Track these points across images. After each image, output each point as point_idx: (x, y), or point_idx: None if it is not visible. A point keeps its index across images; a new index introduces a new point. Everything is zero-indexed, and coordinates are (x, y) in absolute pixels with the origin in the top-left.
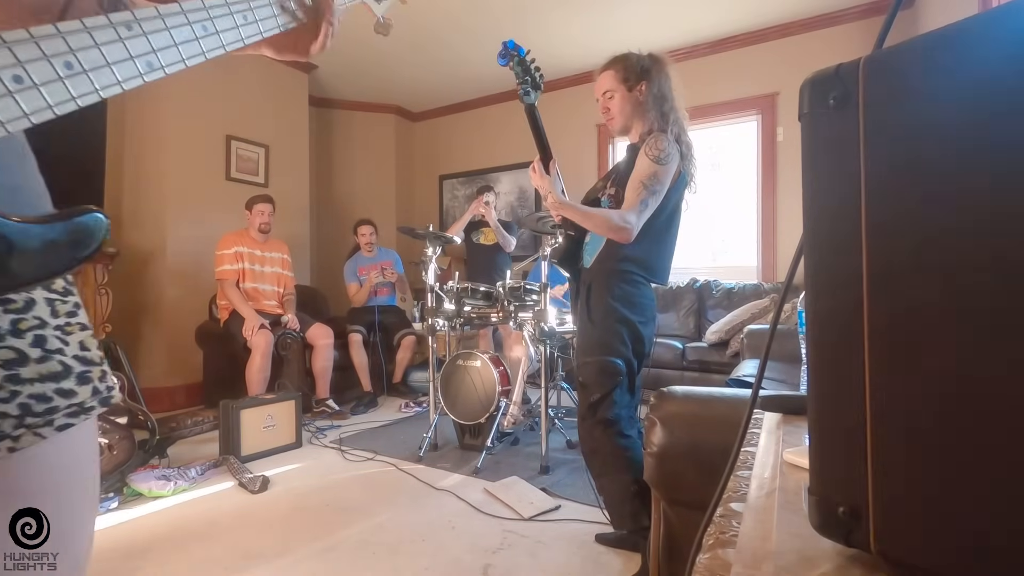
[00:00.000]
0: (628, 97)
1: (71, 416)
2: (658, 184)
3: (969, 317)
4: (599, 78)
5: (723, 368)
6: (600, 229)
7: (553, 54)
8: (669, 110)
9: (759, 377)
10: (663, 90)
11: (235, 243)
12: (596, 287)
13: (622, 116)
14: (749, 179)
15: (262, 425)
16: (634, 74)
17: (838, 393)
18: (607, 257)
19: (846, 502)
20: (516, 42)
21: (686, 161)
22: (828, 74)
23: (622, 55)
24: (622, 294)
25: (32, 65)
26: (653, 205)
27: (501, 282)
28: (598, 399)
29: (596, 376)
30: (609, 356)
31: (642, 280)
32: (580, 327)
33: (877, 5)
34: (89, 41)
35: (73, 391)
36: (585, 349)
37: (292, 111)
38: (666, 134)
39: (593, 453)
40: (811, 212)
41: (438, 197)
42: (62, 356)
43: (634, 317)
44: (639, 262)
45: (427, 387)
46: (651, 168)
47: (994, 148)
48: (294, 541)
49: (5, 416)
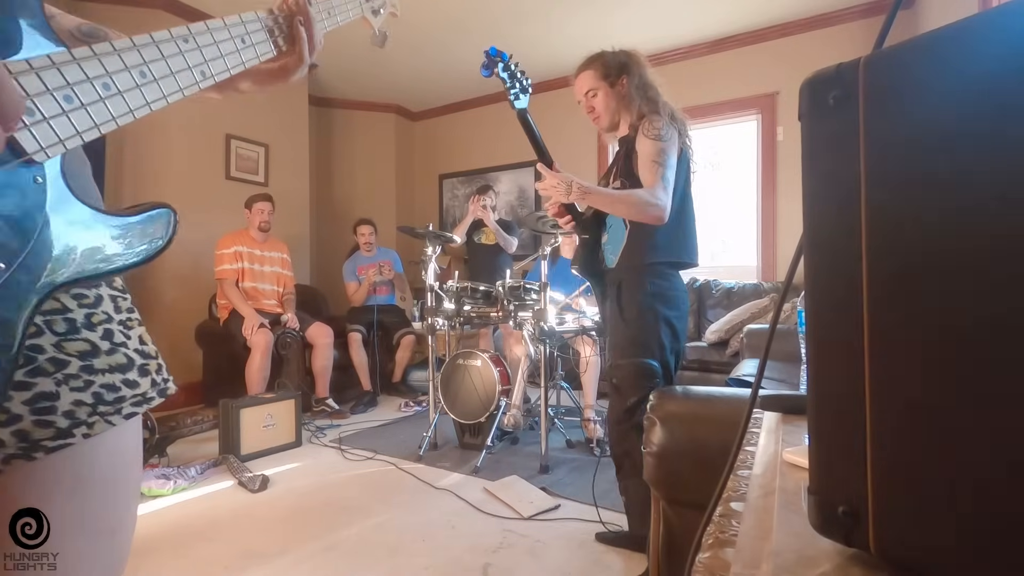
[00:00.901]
0: (611, 92)
1: (136, 405)
2: (669, 158)
3: (970, 317)
4: (577, 80)
5: (723, 368)
6: (632, 211)
7: (552, 54)
8: (655, 95)
9: (759, 377)
10: (644, 79)
11: (235, 242)
12: (627, 285)
13: (608, 112)
14: (749, 179)
15: (262, 424)
16: (614, 69)
17: (838, 393)
18: (633, 253)
19: (846, 502)
20: (497, 48)
21: (684, 137)
22: (828, 74)
23: (596, 54)
24: (656, 290)
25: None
26: (672, 180)
27: (501, 281)
28: (635, 403)
29: (632, 379)
30: (645, 357)
31: (672, 272)
32: (612, 327)
33: (877, 5)
34: None
35: (136, 382)
36: (619, 350)
37: (292, 110)
38: (658, 114)
39: (626, 455)
40: (811, 212)
41: (438, 196)
42: (126, 349)
43: (671, 313)
44: (667, 250)
45: (427, 386)
46: (656, 145)
47: (995, 148)
48: (294, 540)
49: (81, 404)
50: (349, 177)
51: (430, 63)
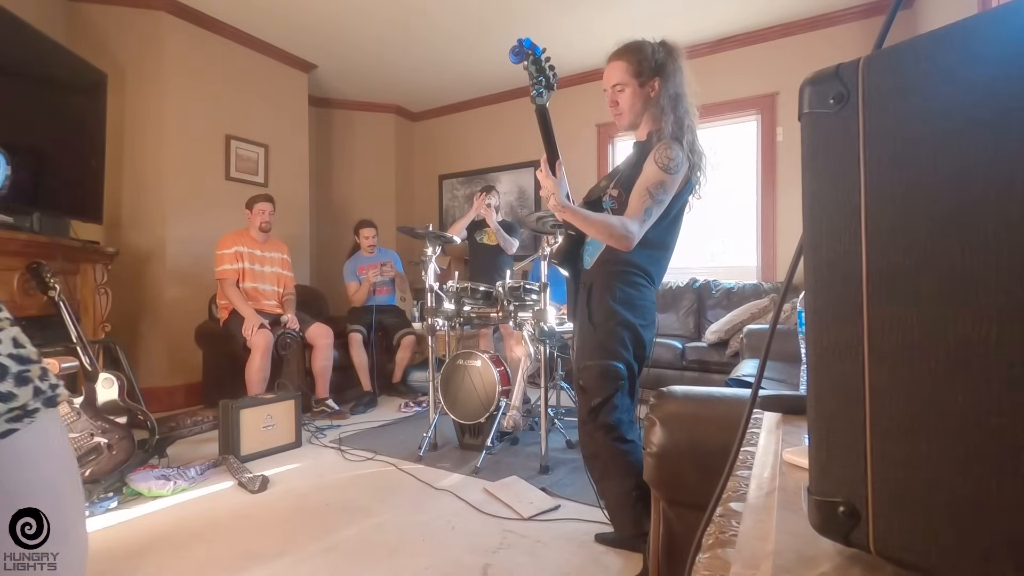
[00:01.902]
0: (639, 93)
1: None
2: (664, 194)
3: (970, 316)
4: (609, 67)
5: (723, 368)
6: (601, 236)
7: (550, 54)
8: (684, 114)
9: (759, 377)
10: (678, 89)
11: (235, 243)
12: (597, 289)
13: (631, 112)
14: (749, 179)
15: (262, 425)
16: (648, 68)
17: (838, 393)
18: (608, 259)
19: (846, 502)
20: (532, 40)
21: (695, 171)
22: (828, 74)
23: (636, 44)
24: (624, 297)
25: None
26: (656, 214)
27: (501, 282)
28: (599, 403)
29: (597, 380)
30: (610, 360)
31: (644, 282)
32: (580, 329)
33: (877, 5)
34: None
35: (12, 394)
36: (585, 352)
37: (292, 111)
38: (680, 143)
39: (594, 457)
40: (811, 212)
41: (438, 197)
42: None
43: (636, 320)
44: (642, 262)
45: (427, 387)
46: (659, 176)
47: (995, 147)
48: (294, 541)
49: None
50: (349, 177)
51: (430, 63)
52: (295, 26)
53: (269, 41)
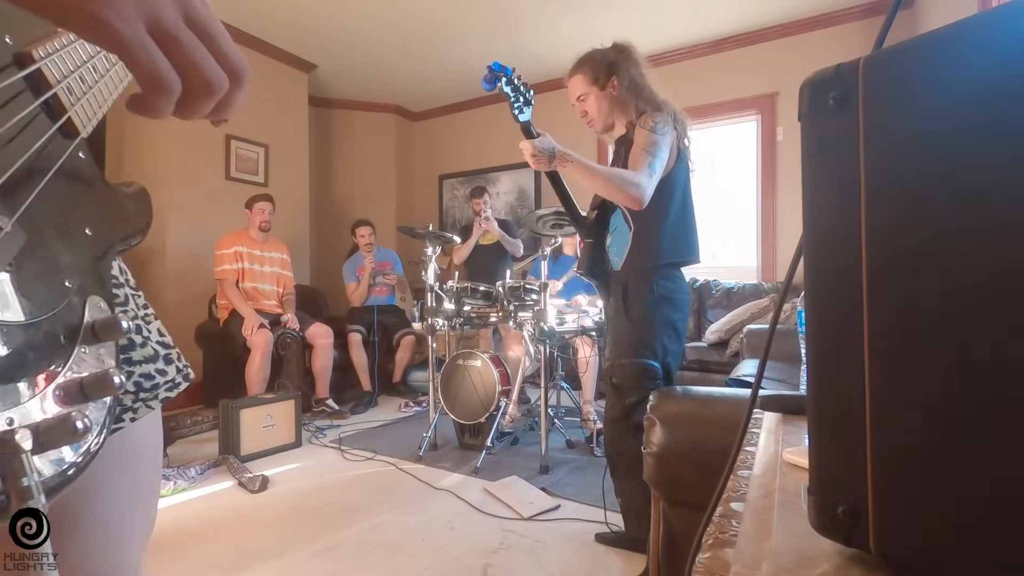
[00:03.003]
0: (602, 96)
1: (169, 390)
2: (660, 150)
3: (969, 317)
4: (569, 84)
5: (723, 368)
6: (610, 187)
7: (548, 55)
8: (651, 95)
9: (759, 377)
10: (635, 79)
11: (235, 243)
12: (633, 286)
13: (600, 116)
14: (749, 179)
15: (262, 425)
16: (603, 71)
17: (838, 393)
18: (638, 255)
19: (846, 502)
20: (500, 63)
21: (683, 138)
22: (828, 74)
23: (586, 55)
24: (663, 292)
25: None
26: (659, 170)
27: (501, 282)
28: (634, 402)
29: (634, 378)
30: (647, 359)
31: (677, 273)
32: (616, 326)
33: (877, 5)
34: None
35: (164, 370)
36: (621, 349)
37: (292, 111)
38: (660, 111)
39: (620, 455)
40: (811, 212)
41: (438, 197)
42: (150, 342)
43: (675, 315)
44: (672, 251)
45: (426, 387)
46: (649, 136)
47: (995, 147)
48: (294, 541)
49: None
50: (349, 177)
51: (430, 63)
52: (295, 26)
53: (269, 41)
